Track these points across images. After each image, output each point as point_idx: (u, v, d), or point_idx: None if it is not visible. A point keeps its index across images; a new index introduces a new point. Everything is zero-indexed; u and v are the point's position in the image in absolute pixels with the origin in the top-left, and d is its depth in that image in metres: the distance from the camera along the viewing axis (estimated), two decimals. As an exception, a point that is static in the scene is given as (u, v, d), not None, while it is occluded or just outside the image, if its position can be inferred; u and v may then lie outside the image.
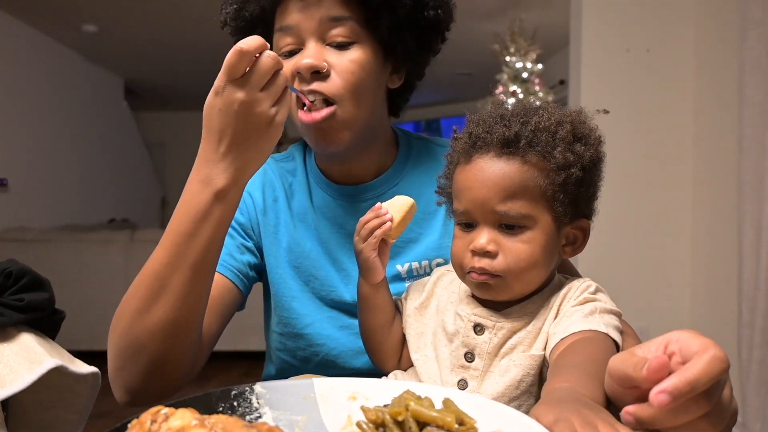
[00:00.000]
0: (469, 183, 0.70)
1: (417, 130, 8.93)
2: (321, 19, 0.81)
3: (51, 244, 4.02)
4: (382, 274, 0.75)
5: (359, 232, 0.74)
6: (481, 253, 0.68)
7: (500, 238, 0.68)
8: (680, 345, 0.47)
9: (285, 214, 0.94)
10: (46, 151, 5.13)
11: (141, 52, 5.81)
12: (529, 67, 4.70)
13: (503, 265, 0.67)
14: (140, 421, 0.43)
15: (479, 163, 0.69)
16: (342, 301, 0.90)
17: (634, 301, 2.78)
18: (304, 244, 0.92)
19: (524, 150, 0.67)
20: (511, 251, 0.67)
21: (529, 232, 0.68)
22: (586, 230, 0.73)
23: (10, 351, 0.67)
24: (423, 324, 0.77)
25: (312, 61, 0.80)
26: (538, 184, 0.67)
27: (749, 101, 2.19)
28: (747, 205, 2.20)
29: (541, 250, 0.68)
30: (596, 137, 0.72)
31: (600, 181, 0.74)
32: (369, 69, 0.83)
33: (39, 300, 0.73)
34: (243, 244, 0.91)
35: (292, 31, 0.82)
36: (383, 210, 0.74)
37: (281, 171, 0.97)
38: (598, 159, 0.72)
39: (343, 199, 0.93)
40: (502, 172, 0.67)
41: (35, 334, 0.73)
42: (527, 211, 0.67)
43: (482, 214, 0.68)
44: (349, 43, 0.82)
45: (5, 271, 0.71)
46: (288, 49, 0.83)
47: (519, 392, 0.67)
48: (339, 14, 0.81)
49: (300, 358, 0.92)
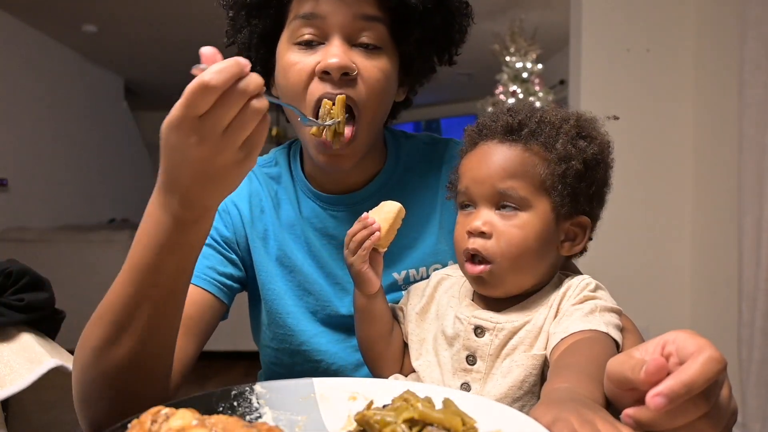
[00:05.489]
0: (471, 165, 0.72)
1: (417, 130, 8.88)
2: (354, 15, 0.75)
3: (51, 244, 4.02)
4: (377, 284, 0.74)
5: (348, 245, 0.73)
6: (476, 234, 0.69)
7: (496, 221, 0.69)
8: (677, 346, 0.47)
9: (273, 225, 0.89)
10: (46, 151, 5.12)
11: (141, 52, 5.80)
12: (529, 67, 4.70)
13: (496, 247, 0.68)
14: (140, 421, 0.43)
15: (483, 147, 0.72)
16: (338, 315, 0.87)
17: (634, 301, 2.77)
18: (295, 257, 0.88)
19: (527, 138, 0.70)
20: (505, 234, 0.68)
21: (524, 215, 0.69)
22: (586, 227, 0.73)
23: (10, 351, 0.67)
24: (424, 330, 0.77)
25: (342, 61, 0.73)
26: (538, 171, 0.69)
27: (749, 101, 2.19)
28: (747, 205, 2.20)
29: (535, 236, 0.68)
30: (603, 141, 0.73)
31: (606, 187, 0.74)
32: (391, 80, 0.80)
33: (39, 300, 0.73)
34: (227, 257, 0.86)
35: (318, 21, 0.75)
36: (370, 219, 0.72)
37: (265, 178, 0.91)
38: (603, 160, 0.72)
39: (333, 209, 0.88)
40: (503, 154, 0.70)
41: (35, 334, 0.73)
42: (525, 194, 0.68)
43: (481, 193, 0.70)
44: (376, 48, 0.77)
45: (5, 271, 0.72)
46: (306, 39, 0.76)
47: (522, 393, 0.66)
48: (373, 14, 0.76)
49: (297, 373, 0.88)
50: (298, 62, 0.77)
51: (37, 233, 4.15)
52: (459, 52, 0.89)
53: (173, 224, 0.58)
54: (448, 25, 0.83)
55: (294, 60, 0.77)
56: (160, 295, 0.61)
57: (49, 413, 0.74)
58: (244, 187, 0.90)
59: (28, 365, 0.65)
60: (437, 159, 0.93)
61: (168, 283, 0.61)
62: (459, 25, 0.85)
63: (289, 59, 0.77)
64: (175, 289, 0.62)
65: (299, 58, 0.77)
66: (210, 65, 0.51)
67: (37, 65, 5.06)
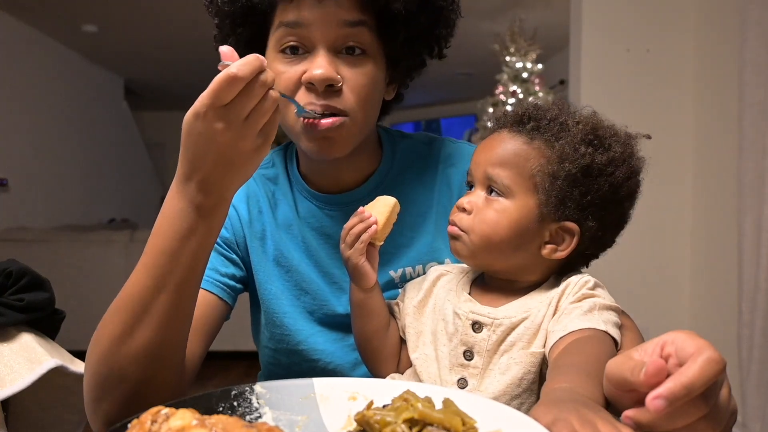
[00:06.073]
0: (478, 149, 0.76)
1: (417, 130, 8.89)
2: (338, 22, 0.75)
3: (51, 244, 4.02)
4: (373, 277, 0.74)
5: (344, 238, 0.74)
6: (459, 209, 0.74)
7: (480, 201, 0.73)
8: (676, 347, 0.47)
9: (271, 225, 0.90)
10: (46, 151, 5.13)
11: (141, 52, 5.81)
12: (529, 67, 4.70)
13: (469, 223, 0.72)
14: (141, 421, 0.43)
15: (494, 135, 0.76)
16: (335, 315, 0.88)
17: (634, 301, 2.77)
18: (292, 257, 0.89)
19: (531, 131, 0.72)
20: (482, 213, 0.72)
21: (505, 202, 0.71)
22: (573, 235, 0.71)
23: (10, 351, 0.67)
24: (421, 323, 0.77)
25: (327, 73, 0.74)
26: (530, 165, 0.70)
27: (749, 101, 2.19)
28: (747, 205, 2.20)
29: (509, 224, 0.70)
30: (619, 156, 0.71)
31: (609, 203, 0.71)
32: (378, 82, 0.81)
33: (39, 300, 0.73)
34: (228, 257, 0.87)
35: (302, 30, 0.76)
36: (366, 213, 0.73)
37: (263, 179, 0.93)
38: (609, 173, 0.70)
39: (329, 209, 0.89)
40: (503, 142, 0.73)
41: (35, 334, 0.73)
42: (509, 183, 0.71)
43: (477, 175, 0.74)
44: (361, 53, 0.78)
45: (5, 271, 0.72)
46: (290, 45, 0.77)
47: (521, 390, 0.67)
48: (357, 18, 0.76)
49: (295, 373, 0.89)
50: (284, 71, 0.77)
51: (37, 233, 4.15)
52: (448, 45, 0.89)
53: (192, 211, 0.62)
54: (435, 22, 0.83)
55: (280, 69, 0.78)
56: (176, 283, 0.64)
57: (49, 413, 0.74)
58: (242, 188, 0.90)
59: (28, 365, 0.65)
60: (433, 158, 0.94)
61: (184, 271, 0.64)
62: (446, 19, 0.84)
63: (276, 68, 0.78)
64: (190, 278, 0.65)
65: (285, 68, 0.77)
66: (231, 61, 0.58)
67: (37, 65, 5.06)
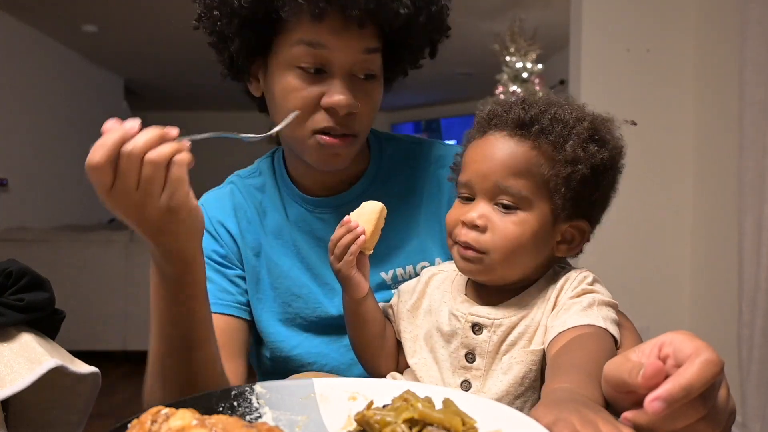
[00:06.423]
0: (477, 156, 0.71)
1: (417, 130, 8.92)
2: (360, 49, 0.77)
3: (51, 244, 4.02)
4: (365, 287, 0.74)
5: (332, 251, 0.73)
6: (470, 226, 0.68)
7: (493, 215, 0.68)
8: (674, 348, 0.47)
9: (260, 234, 0.90)
10: (46, 151, 5.12)
11: (141, 52, 5.80)
12: (529, 67, 4.70)
13: (489, 241, 0.67)
14: (140, 421, 0.43)
15: (491, 139, 0.70)
16: (328, 317, 0.88)
17: (634, 301, 2.77)
18: (283, 263, 0.89)
19: (536, 135, 0.68)
20: (500, 229, 0.67)
21: (522, 214, 0.68)
22: (585, 232, 0.72)
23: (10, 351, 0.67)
24: (416, 327, 0.76)
25: (349, 100, 0.77)
26: (543, 171, 0.68)
27: (749, 101, 2.19)
28: (747, 205, 2.20)
29: (531, 235, 0.68)
30: (617, 146, 0.72)
31: (611, 191, 0.73)
32: (381, 96, 0.85)
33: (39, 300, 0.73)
34: (231, 276, 0.88)
35: (324, 52, 0.76)
36: (353, 223, 0.72)
37: (248, 189, 0.93)
38: (612, 166, 0.71)
39: (320, 212, 0.90)
40: (510, 150, 0.69)
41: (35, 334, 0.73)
42: (527, 193, 0.68)
43: (483, 187, 0.69)
44: (372, 77, 0.81)
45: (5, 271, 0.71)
46: (306, 65, 0.77)
47: (523, 389, 0.66)
48: (375, 46, 0.79)
49: None
50: (302, 89, 0.78)
51: (37, 233, 4.15)
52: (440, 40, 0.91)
53: (168, 280, 0.64)
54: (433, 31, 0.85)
55: (296, 85, 0.78)
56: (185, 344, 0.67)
57: (49, 413, 0.74)
58: (228, 202, 0.92)
59: (28, 365, 0.65)
60: (421, 159, 0.95)
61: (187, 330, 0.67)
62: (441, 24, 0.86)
63: (291, 83, 0.78)
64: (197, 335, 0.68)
65: (302, 85, 0.78)
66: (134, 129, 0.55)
67: (37, 65, 5.05)
